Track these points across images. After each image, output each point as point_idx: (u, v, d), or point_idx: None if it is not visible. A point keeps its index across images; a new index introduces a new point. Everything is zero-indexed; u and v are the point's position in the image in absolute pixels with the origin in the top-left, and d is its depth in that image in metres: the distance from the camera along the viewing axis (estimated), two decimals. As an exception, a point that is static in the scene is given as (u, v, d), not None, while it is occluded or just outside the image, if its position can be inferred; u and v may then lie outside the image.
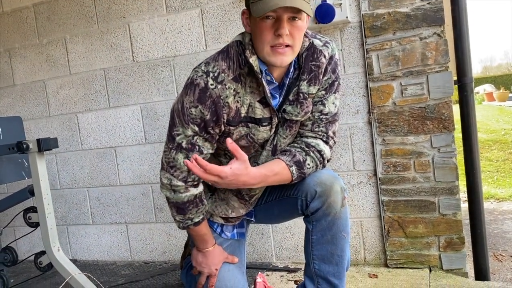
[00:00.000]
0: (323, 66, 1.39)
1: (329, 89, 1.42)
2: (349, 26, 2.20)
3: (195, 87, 1.30)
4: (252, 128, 1.38)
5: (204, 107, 1.29)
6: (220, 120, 1.32)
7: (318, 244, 1.41)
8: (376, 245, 2.26)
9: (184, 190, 1.38)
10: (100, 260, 2.93)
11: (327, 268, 1.42)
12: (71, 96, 2.88)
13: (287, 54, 1.25)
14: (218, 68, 1.30)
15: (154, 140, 2.68)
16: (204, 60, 1.35)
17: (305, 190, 1.39)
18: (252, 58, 1.30)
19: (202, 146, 1.34)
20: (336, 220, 1.38)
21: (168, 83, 2.61)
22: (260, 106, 1.36)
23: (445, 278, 2.04)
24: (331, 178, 1.38)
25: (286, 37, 1.22)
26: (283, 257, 2.46)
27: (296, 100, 1.38)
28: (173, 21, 2.56)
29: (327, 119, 1.43)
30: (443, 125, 2.07)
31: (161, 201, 2.72)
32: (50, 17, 2.87)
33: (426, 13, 2.04)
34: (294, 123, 1.42)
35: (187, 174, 1.36)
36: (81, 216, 2.96)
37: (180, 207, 1.41)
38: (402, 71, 2.11)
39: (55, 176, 2.98)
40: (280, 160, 1.37)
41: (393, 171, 2.17)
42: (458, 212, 2.08)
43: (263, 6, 1.19)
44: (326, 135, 1.43)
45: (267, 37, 1.23)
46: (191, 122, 1.31)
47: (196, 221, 1.43)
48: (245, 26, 1.33)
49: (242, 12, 1.33)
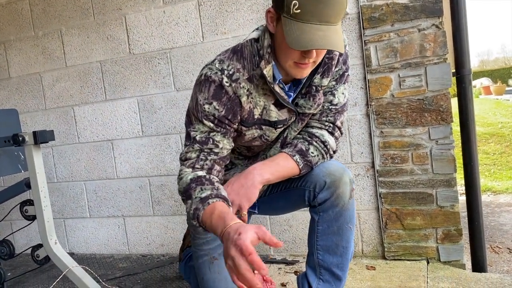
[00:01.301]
0: (336, 57, 1.38)
1: (340, 80, 1.42)
2: (347, 18, 2.19)
3: (210, 84, 1.27)
4: (266, 130, 1.38)
5: (220, 104, 1.27)
6: (237, 117, 1.31)
7: (323, 234, 1.41)
8: (374, 237, 2.27)
9: (189, 173, 1.29)
10: (98, 253, 2.93)
11: (331, 259, 1.42)
12: (67, 88, 2.86)
13: (308, 68, 1.25)
14: (233, 67, 1.28)
15: (151, 133, 2.67)
16: (217, 57, 1.32)
17: (313, 181, 1.38)
18: (267, 68, 1.27)
19: (218, 141, 1.31)
20: (343, 211, 1.37)
21: (165, 76, 2.59)
22: (275, 108, 1.34)
23: (442, 270, 2.05)
24: (340, 169, 1.37)
25: (313, 58, 1.20)
26: (281, 249, 2.46)
27: (309, 93, 1.37)
28: (169, 13, 2.54)
29: (336, 109, 1.43)
30: (441, 117, 2.06)
31: (159, 194, 2.71)
32: (46, 9, 2.84)
33: (424, 4, 2.03)
34: (306, 116, 1.41)
35: (195, 161, 1.30)
36: (78, 209, 2.95)
37: (186, 192, 1.26)
38: (400, 63, 2.10)
39: (52, 169, 2.97)
40: (282, 152, 1.38)
41: (391, 163, 2.16)
42: (455, 204, 2.08)
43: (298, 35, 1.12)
44: (333, 125, 1.43)
45: (294, 55, 1.20)
46: (205, 119, 1.29)
47: (202, 196, 1.21)
48: (269, 24, 1.26)
49: (267, 10, 1.25)
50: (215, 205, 1.18)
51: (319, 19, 1.12)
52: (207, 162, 1.30)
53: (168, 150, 2.64)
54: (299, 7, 1.12)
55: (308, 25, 1.12)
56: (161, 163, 2.67)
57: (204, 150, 1.30)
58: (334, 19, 1.13)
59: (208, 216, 1.17)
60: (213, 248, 1.50)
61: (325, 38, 1.12)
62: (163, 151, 2.65)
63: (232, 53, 1.30)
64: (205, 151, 1.30)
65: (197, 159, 1.30)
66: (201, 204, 1.19)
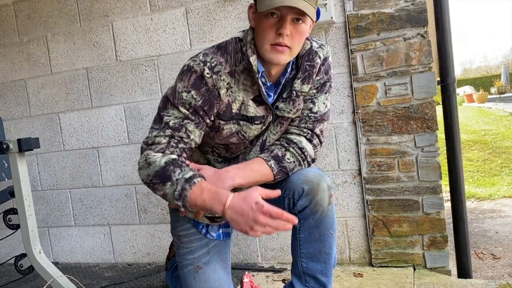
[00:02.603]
0: (317, 66, 1.41)
1: (321, 89, 1.45)
2: (334, 27, 2.21)
3: (192, 73, 1.30)
4: (243, 125, 1.39)
5: (198, 93, 1.30)
6: (213, 109, 1.33)
7: (305, 242, 1.42)
8: (361, 244, 2.28)
9: (161, 157, 1.26)
10: (83, 263, 2.88)
11: (315, 266, 1.42)
12: (53, 95, 2.83)
13: (285, 54, 1.27)
14: (216, 60, 1.31)
15: (137, 140, 2.65)
16: (202, 51, 1.35)
17: (292, 189, 1.39)
18: (253, 57, 1.31)
19: (191, 131, 1.30)
20: (323, 217, 1.38)
21: (152, 83, 2.58)
22: (253, 104, 1.37)
23: (429, 276, 2.06)
24: (317, 176, 1.38)
25: (287, 38, 1.24)
26: (268, 257, 2.45)
27: (289, 98, 1.40)
28: (157, 20, 2.54)
29: (316, 117, 1.45)
30: (426, 125, 2.09)
31: (145, 203, 2.69)
32: (31, 15, 2.82)
33: (410, 14, 2.06)
34: (285, 120, 1.44)
35: (165, 147, 1.27)
36: (63, 218, 2.90)
37: (162, 175, 1.23)
38: (386, 71, 2.13)
39: (36, 177, 2.93)
40: (257, 157, 1.40)
41: (378, 171, 2.18)
42: (441, 211, 2.10)
43: (268, 2, 1.20)
44: (311, 133, 1.44)
45: (269, 35, 1.25)
46: (181, 105, 1.30)
47: (187, 177, 1.21)
48: (250, 20, 1.34)
49: (249, 6, 1.34)
50: (202, 183, 1.21)
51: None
52: (177, 150, 1.28)
53: (155, 158, 2.62)
54: None
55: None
56: (147, 171, 2.65)
57: (175, 137, 1.28)
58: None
59: (198, 196, 1.19)
60: (198, 257, 1.49)
61: (293, 1, 1.18)
62: (150, 159, 2.63)
63: (216, 49, 1.35)
64: (176, 138, 1.28)
65: (168, 145, 1.27)
66: (188, 184, 1.20)
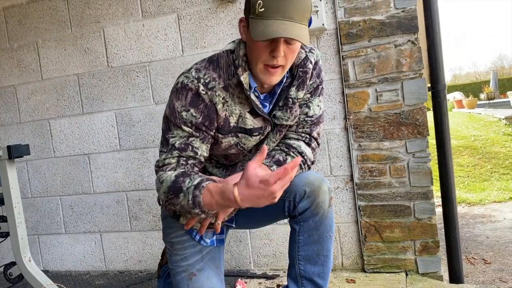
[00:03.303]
0: (310, 71, 1.42)
1: (314, 93, 1.46)
2: (326, 33, 2.22)
3: (188, 91, 1.30)
4: (242, 138, 1.40)
5: (197, 111, 1.30)
6: (213, 124, 1.33)
7: (304, 244, 1.42)
8: (353, 250, 2.28)
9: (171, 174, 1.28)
10: (73, 270, 2.85)
11: (313, 269, 1.43)
12: (43, 102, 2.81)
13: (277, 74, 1.28)
14: (209, 76, 1.31)
15: (129, 147, 2.64)
16: (193, 66, 1.34)
17: (293, 191, 1.40)
18: (244, 75, 1.31)
19: (197, 147, 1.32)
20: (323, 220, 1.39)
21: (144, 89, 2.58)
22: (251, 116, 1.37)
23: (421, 282, 2.07)
24: (319, 179, 1.40)
25: (281, 59, 1.24)
26: (261, 264, 2.44)
27: (286, 105, 1.41)
28: (149, 26, 2.53)
29: (312, 121, 1.46)
30: (417, 131, 2.10)
31: (136, 209, 2.67)
32: (22, 21, 2.80)
33: (400, 21, 2.08)
34: (283, 127, 1.45)
35: (176, 166, 1.29)
36: (53, 225, 2.87)
37: (174, 188, 1.24)
38: (377, 77, 2.14)
39: (26, 184, 2.90)
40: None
41: (369, 176, 2.19)
42: (433, 216, 2.11)
43: (262, 30, 1.18)
44: (309, 136, 1.46)
45: (262, 56, 1.25)
46: (184, 124, 1.31)
47: (195, 183, 1.21)
48: (242, 34, 1.32)
49: (240, 20, 1.31)
50: (208, 187, 1.20)
51: (282, 15, 1.17)
52: (187, 166, 1.30)
53: (146, 164, 2.61)
54: (263, 6, 1.18)
55: (272, 20, 1.18)
56: (139, 178, 2.64)
57: (183, 156, 1.30)
58: (298, 17, 1.19)
59: (210, 200, 1.19)
60: (191, 264, 1.48)
61: (287, 29, 1.17)
62: (141, 165, 2.62)
63: (208, 63, 1.33)
64: (184, 157, 1.31)
65: (178, 164, 1.30)
66: (197, 190, 1.20)
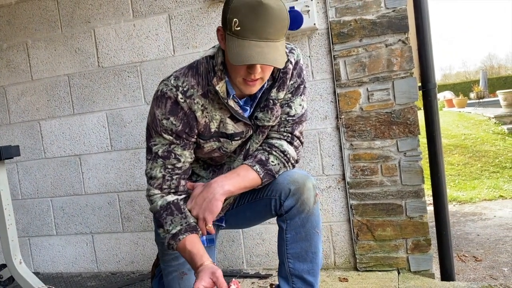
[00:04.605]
0: (290, 71, 1.43)
1: (296, 92, 1.46)
2: (317, 33, 2.23)
3: (167, 100, 1.32)
4: (224, 142, 1.42)
5: (176, 119, 1.33)
6: (194, 130, 1.36)
7: (292, 242, 1.43)
8: (345, 248, 2.29)
9: (159, 198, 1.38)
10: (65, 272, 2.83)
11: (302, 266, 1.44)
12: (33, 102, 2.79)
13: (257, 85, 1.30)
14: (188, 83, 1.33)
15: (120, 148, 2.63)
16: (173, 74, 1.36)
17: (279, 189, 1.41)
18: (219, 84, 1.32)
19: (180, 154, 1.37)
20: (309, 216, 1.40)
21: (135, 89, 2.56)
22: (231, 122, 1.39)
23: (413, 280, 2.08)
24: (303, 176, 1.41)
25: (258, 74, 1.25)
26: (254, 263, 2.44)
27: (266, 107, 1.42)
28: (140, 26, 2.52)
29: (294, 120, 1.46)
30: (408, 130, 2.12)
31: (128, 210, 2.66)
32: (11, 21, 2.78)
33: (391, 21, 2.09)
34: (266, 128, 1.45)
35: (162, 181, 1.37)
36: (44, 227, 2.85)
37: (158, 218, 1.37)
38: (368, 77, 2.15)
39: (16, 185, 2.87)
40: (242, 164, 1.42)
41: (361, 175, 2.20)
42: (424, 214, 2.13)
43: (238, 51, 1.18)
44: (291, 135, 1.46)
45: (240, 71, 1.25)
46: (164, 132, 1.34)
47: (173, 233, 1.33)
48: (220, 42, 1.32)
49: (217, 29, 1.31)
50: (185, 242, 1.32)
51: (258, 36, 1.17)
52: (174, 182, 1.38)
53: (138, 165, 2.60)
54: (239, 25, 1.17)
55: (247, 41, 1.17)
56: (130, 178, 2.63)
57: (168, 166, 1.36)
58: (274, 36, 1.19)
59: (182, 251, 1.34)
60: (182, 263, 1.50)
61: (262, 53, 1.17)
62: (133, 166, 2.61)
63: (187, 69, 1.36)
64: (169, 167, 1.36)
65: (163, 179, 1.37)
66: (173, 241, 1.34)
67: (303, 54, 2.25)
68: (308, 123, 2.27)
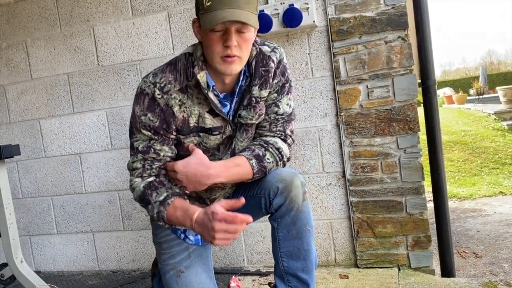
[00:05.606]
0: (272, 70, 1.44)
1: (281, 91, 1.48)
2: (316, 30, 2.23)
3: (145, 96, 1.37)
4: (203, 137, 1.43)
5: (154, 115, 1.36)
6: (171, 126, 1.39)
7: (284, 240, 1.44)
8: (346, 245, 2.29)
9: (140, 182, 1.40)
10: (66, 271, 2.84)
11: (296, 264, 1.45)
12: (33, 101, 2.79)
13: (236, 63, 1.31)
14: (165, 79, 1.36)
15: (120, 146, 2.63)
16: (153, 71, 1.40)
17: (267, 188, 1.43)
18: (201, 74, 1.35)
19: (159, 149, 1.40)
20: (299, 214, 1.41)
21: (135, 87, 2.56)
22: (210, 116, 1.41)
23: (413, 276, 2.09)
24: (291, 174, 1.43)
25: (235, 48, 1.28)
26: (254, 261, 2.45)
27: (249, 105, 1.44)
28: (139, 25, 2.52)
29: (283, 118, 1.48)
30: (408, 127, 2.12)
31: (129, 208, 2.66)
32: (10, 20, 2.77)
33: (390, 18, 2.09)
34: (249, 126, 1.47)
35: (142, 171, 1.40)
36: (45, 226, 2.86)
37: (143, 199, 1.39)
38: (368, 74, 2.15)
39: (17, 184, 2.87)
40: (240, 155, 1.42)
41: (361, 172, 2.20)
42: (424, 211, 2.13)
43: (211, 18, 1.23)
44: (284, 134, 1.48)
45: (217, 48, 1.28)
46: (143, 128, 1.38)
47: (161, 200, 1.35)
48: (196, 34, 1.37)
49: (193, 21, 1.36)
50: (175, 203, 1.35)
51: (230, 5, 1.23)
52: (153, 170, 1.40)
53: (139, 163, 2.60)
54: (209, 0, 1.24)
55: (220, 10, 1.23)
56: (131, 176, 2.62)
57: (147, 159, 1.40)
58: (245, 6, 1.24)
59: (173, 214, 1.34)
60: (179, 261, 1.52)
61: (235, 14, 1.22)
62: (134, 164, 2.61)
63: (166, 66, 1.40)
64: (148, 160, 1.40)
65: (143, 168, 1.40)
66: (162, 207, 1.35)
67: (302, 51, 2.25)
68: (308, 120, 2.27)
